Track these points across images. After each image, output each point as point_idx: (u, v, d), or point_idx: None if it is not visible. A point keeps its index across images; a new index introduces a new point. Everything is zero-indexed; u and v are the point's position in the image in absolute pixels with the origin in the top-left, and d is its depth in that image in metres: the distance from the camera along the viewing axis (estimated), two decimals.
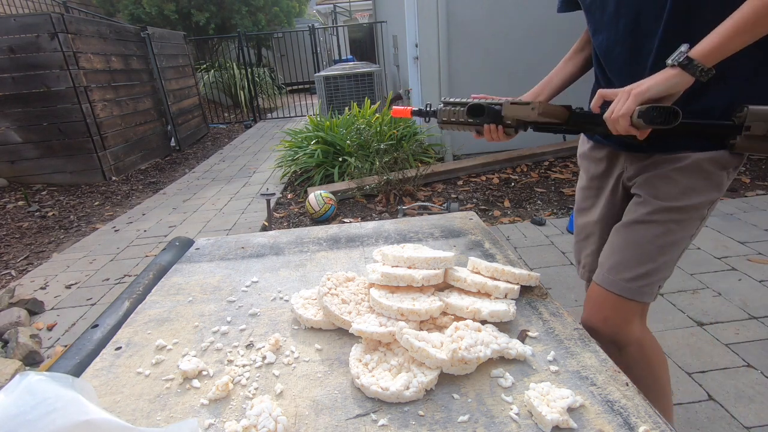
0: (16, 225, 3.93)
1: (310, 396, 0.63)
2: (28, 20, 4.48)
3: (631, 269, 0.99)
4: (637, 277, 0.98)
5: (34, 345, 2.14)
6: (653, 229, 0.98)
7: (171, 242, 1.20)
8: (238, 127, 8.75)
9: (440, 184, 4.09)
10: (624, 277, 0.99)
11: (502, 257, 1.00)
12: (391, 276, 0.77)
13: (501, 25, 4.23)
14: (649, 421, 0.55)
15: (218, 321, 0.83)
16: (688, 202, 0.96)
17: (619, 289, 1.00)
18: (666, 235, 0.97)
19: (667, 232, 0.97)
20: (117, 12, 10.60)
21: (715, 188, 0.96)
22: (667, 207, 0.97)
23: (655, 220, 0.98)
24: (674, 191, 0.96)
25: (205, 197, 4.48)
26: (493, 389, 0.62)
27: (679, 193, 0.96)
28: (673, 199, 0.96)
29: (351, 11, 16.60)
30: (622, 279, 0.99)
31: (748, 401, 1.58)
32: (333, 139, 4.41)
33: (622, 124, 0.84)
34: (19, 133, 4.69)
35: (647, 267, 0.98)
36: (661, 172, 0.98)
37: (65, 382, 0.51)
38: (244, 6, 11.03)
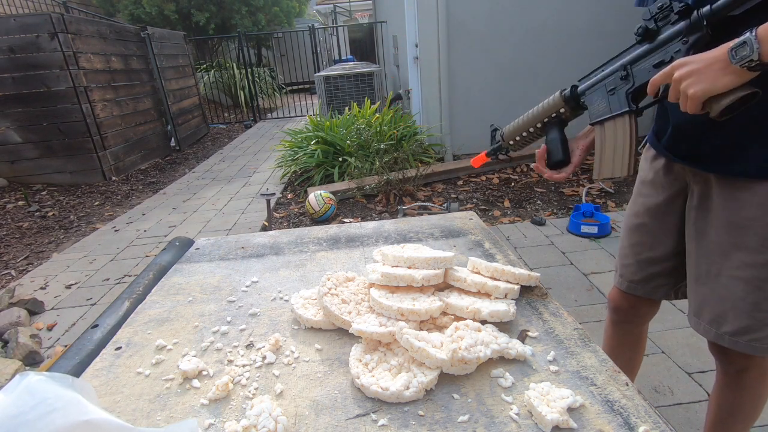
0: (16, 225, 3.93)
1: (310, 396, 0.63)
2: (28, 20, 4.48)
3: (729, 324, 0.91)
4: (739, 332, 0.91)
5: (34, 345, 2.14)
6: (739, 285, 0.88)
7: (171, 242, 1.20)
8: (238, 127, 8.75)
9: (440, 184, 4.09)
10: (726, 330, 0.92)
11: (502, 257, 1.00)
12: (391, 276, 0.77)
13: (501, 25, 4.23)
14: (649, 421, 0.55)
15: (218, 321, 0.83)
16: None
17: (727, 343, 0.93)
18: (756, 292, 0.87)
19: (757, 290, 0.87)
20: (117, 12, 10.60)
21: None
22: (748, 263, 0.86)
23: (738, 276, 0.88)
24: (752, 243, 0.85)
25: (205, 197, 4.49)
26: (493, 389, 0.62)
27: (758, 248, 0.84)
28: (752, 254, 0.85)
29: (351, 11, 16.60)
30: (725, 333, 0.93)
31: None
32: (333, 139, 4.42)
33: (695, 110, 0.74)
34: (19, 133, 4.69)
35: (745, 322, 0.89)
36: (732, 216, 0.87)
37: (65, 383, 0.51)
38: (244, 6, 11.03)
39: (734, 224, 0.87)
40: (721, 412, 1.10)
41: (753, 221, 0.84)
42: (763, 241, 0.84)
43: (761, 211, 0.83)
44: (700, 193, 0.95)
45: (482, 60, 4.30)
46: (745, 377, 1.01)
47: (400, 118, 4.67)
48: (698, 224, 0.96)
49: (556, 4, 4.09)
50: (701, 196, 0.94)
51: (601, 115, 0.93)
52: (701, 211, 0.95)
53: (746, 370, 1.00)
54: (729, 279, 0.90)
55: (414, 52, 4.52)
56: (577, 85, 0.98)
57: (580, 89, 0.97)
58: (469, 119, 4.43)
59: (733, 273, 0.89)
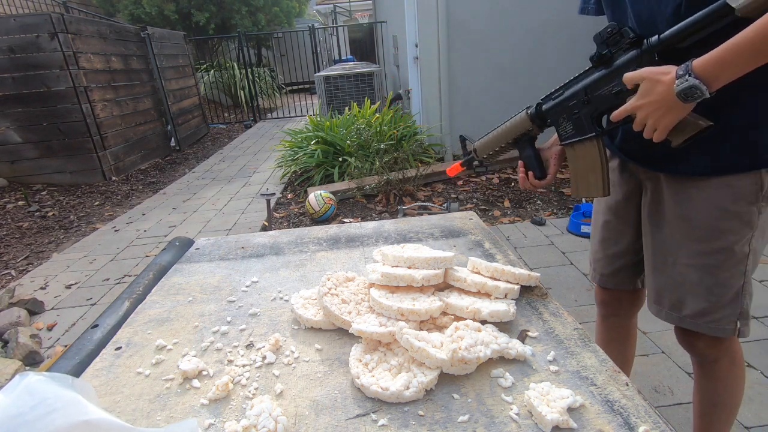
0: (16, 225, 3.93)
1: (310, 396, 0.63)
2: (28, 20, 4.48)
3: (687, 307, 0.99)
4: (697, 314, 0.98)
5: (34, 345, 2.14)
6: (692, 272, 0.96)
7: (171, 242, 1.20)
8: (238, 127, 8.75)
9: (440, 184, 4.09)
10: (686, 313, 1.00)
11: (502, 257, 1.00)
12: (391, 276, 0.77)
13: (501, 25, 4.23)
14: (649, 421, 0.55)
15: (218, 321, 0.83)
16: (716, 245, 0.92)
17: (688, 325, 1.00)
18: (707, 278, 0.95)
19: (707, 275, 0.95)
20: (117, 12, 10.60)
21: (745, 226, 0.90)
22: (697, 251, 0.94)
23: (689, 264, 0.96)
24: (697, 234, 0.93)
25: (205, 197, 4.49)
26: (493, 389, 0.62)
27: (703, 237, 0.93)
28: (698, 243, 0.94)
29: (351, 11, 16.60)
30: (686, 316, 1.00)
31: (748, 401, 1.58)
32: (333, 139, 4.42)
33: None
34: (19, 133, 4.69)
35: (701, 305, 0.97)
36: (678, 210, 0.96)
37: (65, 383, 0.51)
38: (244, 6, 11.03)
39: (684, 217, 0.95)
40: (703, 406, 1.16)
41: (700, 214, 0.93)
42: (711, 232, 0.92)
43: (707, 204, 0.91)
44: (653, 189, 1.02)
45: (482, 60, 4.30)
46: (717, 368, 1.07)
47: (400, 118, 4.67)
48: (652, 219, 1.04)
49: (556, 4, 4.08)
50: (654, 193, 1.02)
51: (569, 137, 0.98)
52: (654, 206, 1.02)
53: (717, 361, 1.06)
54: (684, 267, 0.97)
55: (414, 52, 4.52)
56: (541, 104, 1.01)
57: (544, 108, 1.00)
58: (469, 119, 4.42)
59: (687, 261, 0.97)
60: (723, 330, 0.97)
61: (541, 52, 4.25)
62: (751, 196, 0.88)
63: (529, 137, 1.07)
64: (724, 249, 0.92)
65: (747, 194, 0.88)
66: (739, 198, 0.88)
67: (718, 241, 0.92)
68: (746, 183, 0.88)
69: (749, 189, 0.88)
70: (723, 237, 0.91)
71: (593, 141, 0.95)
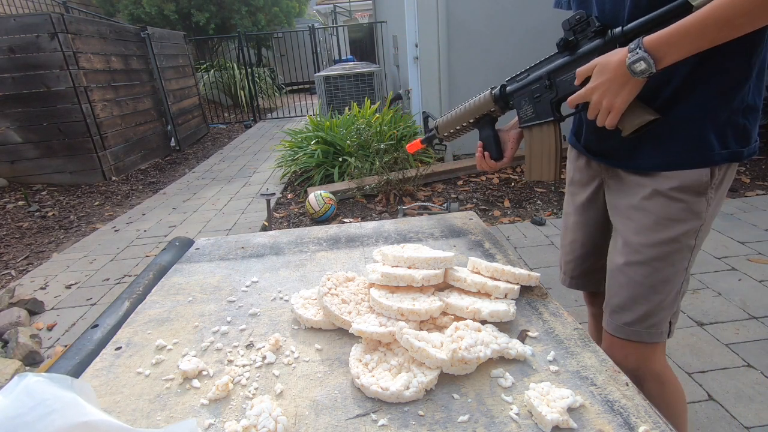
0: (16, 225, 3.93)
1: (310, 396, 0.63)
2: (28, 20, 4.48)
3: (630, 312, 0.96)
4: (637, 320, 0.96)
5: (34, 345, 2.14)
6: (638, 269, 0.94)
7: (171, 242, 1.20)
8: (238, 127, 8.75)
9: (440, 184, 4.09)
10: (625, 321, 0.97)
11: (502, 257, 1.00)
12: (391, 276, 0.77)
13: (501, 25, 4.23)
14: (649, 421, 0.55)
15: (218, 321, 0.83)
16: (665, 235, 0.91)
17: (625, 334, 0.98)
18: (653, 274, 0.93)
19: (654, 271, 0.93)
20: (117, 12, 10.60)
21: (694, 216, 0.90)
22: (645, 244, 0.93)
23: (637, 261, 0.94)
24: (648, 224, 0.92)
25: (205, 197, 4.49)
26: (493, 389, 0.62)
27: (653, 227, 0.91)
28: (648, 233, 0.92)
29: (351, 11, 16.60)
30: (624, 323, 0.97)
31: (748, 401, 1.58)
32: (333, 139, 4.41)
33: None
34: (19, 133, 4.69)
35: (644, 308, 0.95)
36: (632, 201, 0.95)
37: (64, 384, 0.51)
38: (244, 6, 11.03)
39: (635, 207, 0.94)
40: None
41: (650, 203, 0.92)
42: (659, 221, 0.91)
43: (656, 194, 0.91)
44: (614, 188, 1.01)
45: (482, 60, 4.30)
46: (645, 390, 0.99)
47: (400, 118, 4.67)
48: (612, 216, 1.03)
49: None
50: (615, 190, 1.01)
51: (528, 120, 1.00)
52: (615, 204, 1.01)
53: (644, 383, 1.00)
54: (631, 265, 0.95)
55: (414, 52, 4.52)
56: (506, 85, 1.02)
57: (508, 90, 1.01)
58: None
59: (635, 257, 0.94)
60: (659, 334, 0.96)
61: (541, 52, 4.20)
62: (700, 187, 0.88)
63: (490, 118, 1.09)
64: (671, 239, 0.91)
65: (696, 185, 0.88)
66: (687, 188, 0.88)
67: (666, 231, 0.91)
68: (696, 175, 0.87)
69: (698, 180, 0.87)
70: (671, 226, 0.90)
71: (551, 126, 0.97)
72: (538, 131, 0.99)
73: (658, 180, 0.91)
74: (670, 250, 0.91)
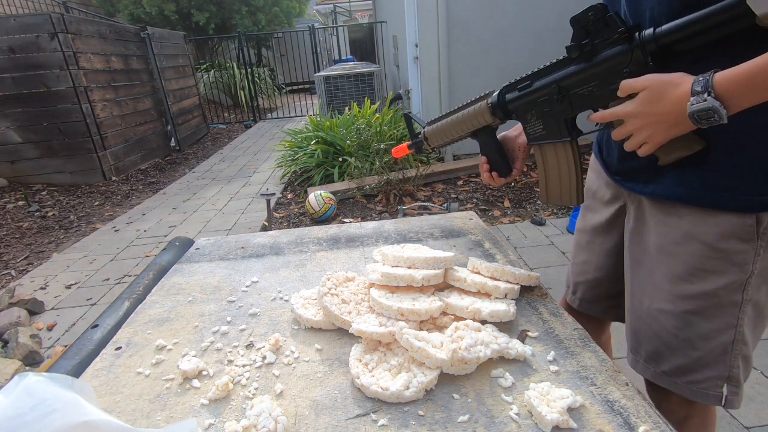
0: (16, 225, 3.93)
1: (310, 396, 0.63)
2: (28, 20, 4.48)
3: (667, 362, 0.84)
4: (676, 372, 0.83)
5: (34, 345, 2.14)
6: (670, 319, 0.81)
7: (171, 242, 1.20)
8: (238, 127, 8.75)
9: (440, 184, 4.09)
10: (663, 369, 0.85)
11: (502, 257, 1.00)
12: (391, 276, 0.77)
13: (501, 25, 4.23)
14: (649, 421, 0.55)
15: (218, 321, 0.83)
16: (700, 289, 0.76)
17: (667, 384, 0.85)
18: (688, 328, 0.79)
19: (687, 325, 0.79)
20: (117, 12, 10.60)
21: (738, 267, 0.73)
22: (676, 294, 0.79)
23: (669, 310, 0.80)
24: (679, 272, 0.77)
25: (205, 197, 4.48)
26: (493, 389, 0.62)
27: (686, 277, 0.77)
28: (680, 283, 0.78)
29: (351, 11, 16.60)
30: (663, 372, 0.85)
31: (748, 401, 1.58)
32: (333, 139, 4.41)
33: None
34: (19, 133, 4.69)
35: (681, 361, 0.82)
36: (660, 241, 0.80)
37: (64, 383, 0.51)
38: (244, 6, 11.03)
39: (665, 251, 0.80)
40: None
41: (681, 248, 0.78)
42: (693, 271, 0.77)
43: (688, 237, 0.76)
44: (636, 215, 0.87)
45: (482, 60, 4.30)
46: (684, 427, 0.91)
47: (400, 118, 4.67)
48: (633, 250, 0.89)
49: (556, 4, 4.08)
50: (636, 219, 0.87)
51: (539, 138, 0.85)
52: (636, 236, 0.87)
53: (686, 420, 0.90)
54: (662, 312, 0.82)
55: (414, 52, 4.52)
56: (504, 93, 0.87)
57: (508, 98, 0.86)
58: None
59: (665, 306, 0.81)
60: (705, 396, 0.81)
61: (541, 52, 4.23)
62: (744, 233, 0.72)
63: (490, 129, 0.93)
64: (707, 294, 0.76)
65: (738, 230, 0.72)
66: (728, 234, 0.72)
67: (701, 284, 0.76)
68: (736, 219, 0.72)
69: (741, 224, 0.72)
70: (707, 279, 0.76)
71: (567, 146, 0.83)
72: (551, 150, 0.85)
73: (691, 220, 0.76)
74: (705, 304, 0.77)
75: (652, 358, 0.86)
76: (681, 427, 0.90)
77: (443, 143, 1.00)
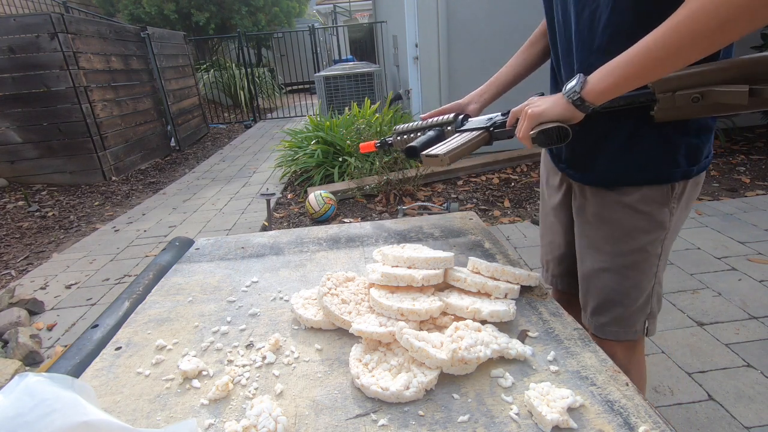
0: (16, 225, 3.93)
1: (310, 396, 0.63)
2: (28, 20, 4.48)
3: (606, 314, 1.01)
4: (613, 322, 1.01)
5: (34, 345, 2.14)
6: (611, 276, 0.98)
7: (171, 242, 1.20)
8: (238, 127, 8.75)
9: (440, 184, 4.09)
10: (602, 322, 1.02)
11: (502, 257, 1.00)
12: (391, 276, 0.77)
13: (501, 25, 4.23)
14: (649, 421, 0.55)
15: (218, 321, 0.83)
16: (633, 246, 0.94)
17: (604, 334, 1.03)
18: (625, 281, 0.97)
19: (624, 278, 0.97)
20: (117, 12, 10.60)
21: (658, 227, 0.93)
22: (614, 253, 0.97)
23: (608, 268, 0.98)
24: (616, 234, 0.95)
25: (205, 197, 4.48)
26: (493, 389, 0.62)
27: (622, 238, 0.95)
28: (617, 243, 0.96)
29: (351, 11, 16.59)
30: (602, 324, 1.03)
31: (748, 401, 1.58)
32: (333, 139, 4.41)
33: (527, 144, 0.86)
34: (19, 133, 4.69)
35: (619, 311, 0.99)
36: (598, 211, 0.97)
37: (65, 384, 0.51)
38: (244, 6, 11.03)
39: (602, 218, 0.97)
40: None
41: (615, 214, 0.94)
42: (625, 232, 0.94)
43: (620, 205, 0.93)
44: (579, 193, 1.02)
45: (482, 60, 4.30)
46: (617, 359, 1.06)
47: (400, 118, 4.67)
48: (579, 223, 1.04)
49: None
50: (580, 197, 1.02)
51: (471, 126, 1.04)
52: (580, 210, 1.03)
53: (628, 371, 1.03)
54: (603, 271, 0.99)
55: (414, 52, 4.52)
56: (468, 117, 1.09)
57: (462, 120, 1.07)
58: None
59: (606, 265, 0.98)
60: (634, 332, 1.01)
61: None
62: (662, 199, 0.90)
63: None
64: (638, 249, 0.94)
65: (658, 197, 0.90)
66: (650, 200, 0.91)
67: (632, 242, 0.94)
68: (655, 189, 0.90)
69: (659, 192, 0.90)
70: (637, 237, 0.93)
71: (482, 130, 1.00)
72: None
73: (621, 191, 0.93)
74: (638, 259, 0.95)
75: (596, 311, 1.03)
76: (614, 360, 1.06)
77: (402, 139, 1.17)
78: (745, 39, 4.46)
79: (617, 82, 0.73)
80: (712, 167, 3.99)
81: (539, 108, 0.82)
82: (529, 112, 0.82)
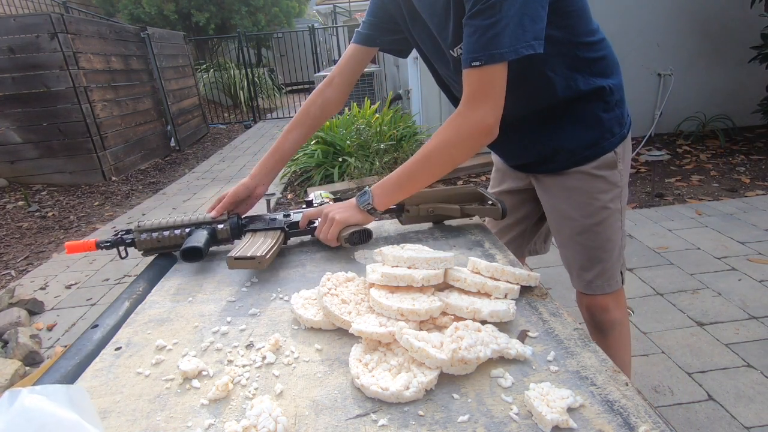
0: (16, 225, 3.93)
1: (310, 396, 0.63)
2: (28, 20, 4.48)
3: (591, 271, 1.22)
4: (597, 277, 1.21)
5: (34, 345, 2.14)
6: (585, 236, 1.18)
7: None
8: (238, 127, 8.75)
9: (440, 184, 4.09)
10: (588, 279, 1.23)
11: (502, 257, 1.00)
12: (391, 276, 0.77)
13: None
14: (648, 420, 0.55)
15: (218, 321, 0.83)
16: (597, 205, 1.14)
17: (592, 290, 1.24)
18: (598, 237, 1.17)
19: (597, 235, 1.17)
20: (117, 12, 10.61)
21: (614, 185, 1.14)
22: (584, 215, 1.16)
23: (582, 230, 1.18)
24: (581, 199, 1.15)
25: (205, 197, 4.49)
26: (493, 389, 0.62)
27: (587, 200, 1.15)
28: (584, 206, 1.15)
29: (351, 11, 16.59)
30: (588, 281, 1.23)
31: (748, 401, 1.58)
32: (333, 139, 4.41)
33: (333, 244, 1.04)
34: (19, 133, 4.69)
35: (601, 266, 1.20)
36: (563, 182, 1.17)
37: (61, 397, 0.46)
38: (244, 6, 11.03)
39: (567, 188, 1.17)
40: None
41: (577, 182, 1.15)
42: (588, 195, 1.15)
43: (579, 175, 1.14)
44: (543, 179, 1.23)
45: None
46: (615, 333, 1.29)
47: (400, 118, 4.67)
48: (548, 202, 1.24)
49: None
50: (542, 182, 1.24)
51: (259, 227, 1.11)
52: (546, 193, 1.23)
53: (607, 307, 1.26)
54: (578, 235, 1.19)
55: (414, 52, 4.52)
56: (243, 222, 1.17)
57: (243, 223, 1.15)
58: None
59: (579, 229, 1.18)
60: (616, 282, 1.22)
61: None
62: (611, 163, 1.13)
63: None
64: (602, 207, 1.15)
65: (608, 162, 1.13)
66: (603, 166, 1.13)
67: (596, 201, 1.14)
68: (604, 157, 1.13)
69: (608, 159, 1.13)
70: (599, 197, 1.14)
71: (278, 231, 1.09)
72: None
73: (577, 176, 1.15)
74: (604, 215, 1.15)
75: (580, 274, 1.24)
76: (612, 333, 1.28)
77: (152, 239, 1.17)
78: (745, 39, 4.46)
79: (392, 199, 1.05)
80: (712, 167, 3.99)
81: (343, 215, 1.01)
82: (337, 218, 1.01)
